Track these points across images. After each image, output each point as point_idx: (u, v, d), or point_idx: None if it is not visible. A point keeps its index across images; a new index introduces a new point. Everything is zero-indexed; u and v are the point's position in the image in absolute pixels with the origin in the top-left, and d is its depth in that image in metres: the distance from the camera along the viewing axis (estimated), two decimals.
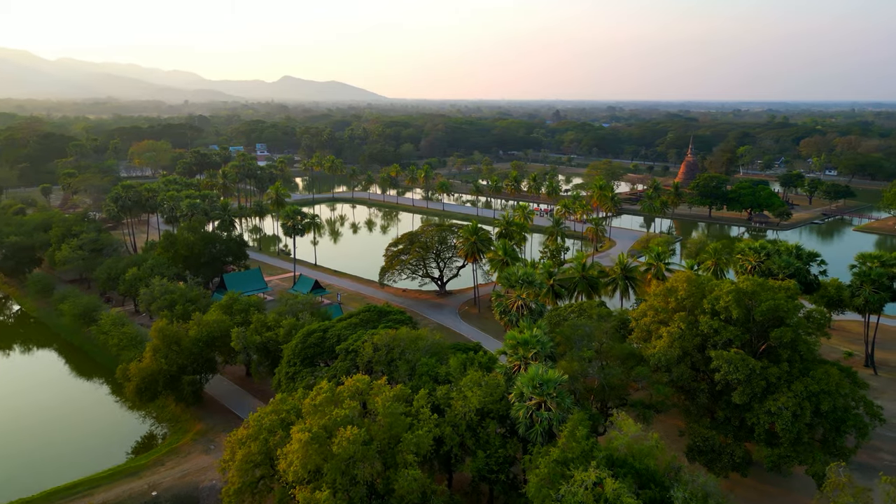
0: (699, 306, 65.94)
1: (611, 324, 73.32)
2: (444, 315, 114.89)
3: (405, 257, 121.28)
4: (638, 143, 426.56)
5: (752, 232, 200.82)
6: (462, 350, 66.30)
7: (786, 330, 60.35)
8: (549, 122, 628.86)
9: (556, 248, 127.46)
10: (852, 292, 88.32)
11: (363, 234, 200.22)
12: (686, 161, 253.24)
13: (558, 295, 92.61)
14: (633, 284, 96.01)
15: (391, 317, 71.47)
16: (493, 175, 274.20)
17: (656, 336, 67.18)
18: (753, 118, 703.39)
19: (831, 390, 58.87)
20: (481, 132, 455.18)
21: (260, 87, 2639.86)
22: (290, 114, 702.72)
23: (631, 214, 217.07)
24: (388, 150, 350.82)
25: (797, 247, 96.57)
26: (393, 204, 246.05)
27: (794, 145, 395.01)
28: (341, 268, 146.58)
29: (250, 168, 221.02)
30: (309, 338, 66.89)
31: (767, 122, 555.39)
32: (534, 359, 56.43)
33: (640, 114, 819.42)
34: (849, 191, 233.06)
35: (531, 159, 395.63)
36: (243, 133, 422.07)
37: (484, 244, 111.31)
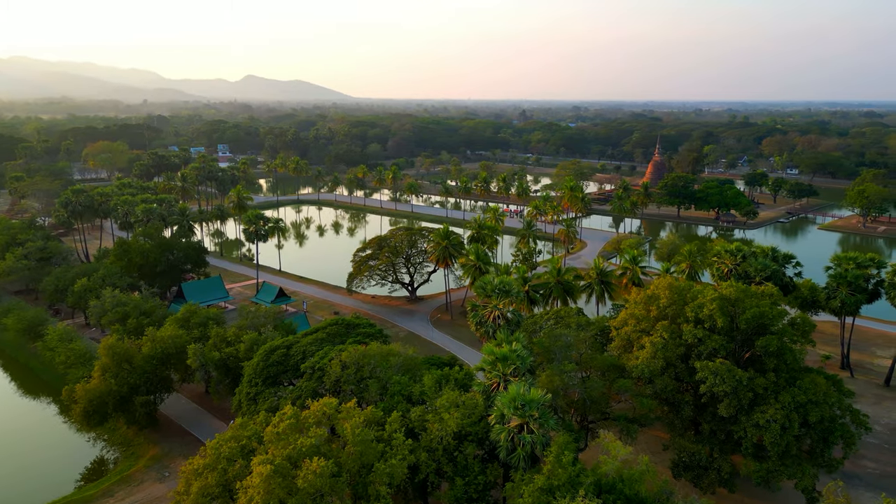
0: (682, 314, 63.47)
1: (590, 333, 70.44)
2: (416, 322, 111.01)
3: (374, 263, 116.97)
4: (604, 143, 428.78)
5: (720, 231, 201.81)
6: (437, 365, 62.59)
7: (771, 338, 58.21)
8: (515, 121, 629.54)
9: (529, 252, 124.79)
10: (829, 294, 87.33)
11: (330, 238, 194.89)
12: (653, 161, 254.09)
13: (533, 301, 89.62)
14: (608, 289, 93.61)
15: (360, 330, 67.30)
16: (462, 176, 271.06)
17: (638, 346, 64.52)
18: (715, 118, 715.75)
19: (819, 400, 56.99)
20: (449, 132, 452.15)
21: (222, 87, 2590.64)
22: (253, 113, 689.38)
23: (600, 215, 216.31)
24: (355, 151, 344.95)
25: (773, 249, 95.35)
26: (360, 206, 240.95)
27: (756, 144, 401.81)
28: (307, 273, 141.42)
29: (211, 170, 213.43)
30: (272, 355, 62.32)
31: (729, 122, 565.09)
32: (513, 375, 53.05)
33: (605, 114, 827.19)
34: (812, 189, 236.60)
35: (499, 159, 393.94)
36: (204, 133, 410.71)
37: (456, 249, 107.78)
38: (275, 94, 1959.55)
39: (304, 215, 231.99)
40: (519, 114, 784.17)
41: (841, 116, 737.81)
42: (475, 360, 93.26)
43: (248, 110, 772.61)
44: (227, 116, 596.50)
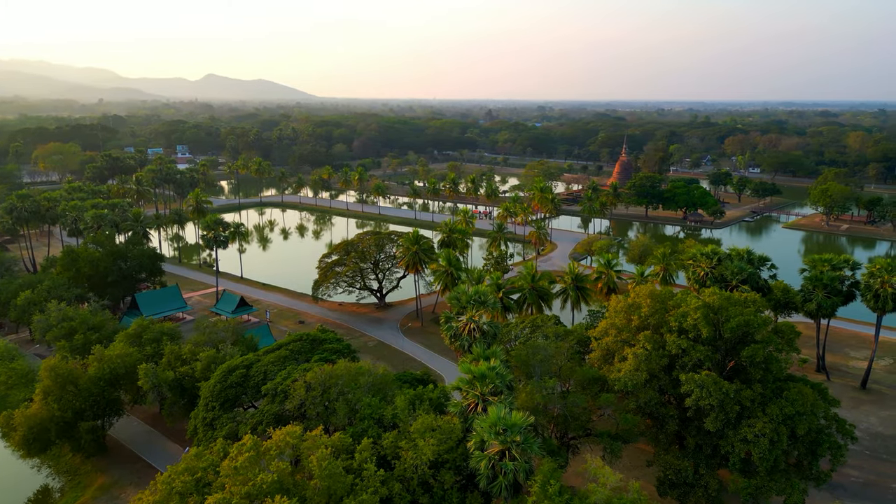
0: (664, 323, 60.90)
1: (569, 343, 67.53)
2: (385, 330, 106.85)
3: (340, 269, 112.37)
4: (570, 143, 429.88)
5: (688, 231, 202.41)
6: (409, 383, 58.78)
7: (757, 348, 55.97)
8: (482, 121, 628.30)
9: (501, 255, 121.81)
10: (805, 297, 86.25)
11: (294, 242, 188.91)
12: (620, 160, 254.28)
13: (508, 308, 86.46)
14: (584, 294, 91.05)
15: (326, 346, 62.95)
16: (430, 177, 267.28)
17: (619, 357, 61.73)
18: (676, 117, 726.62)
19: (806, 412, 54.99)
20: (415, 132, 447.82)
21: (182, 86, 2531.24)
22: (214, 113, 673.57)
23: (569, 215, 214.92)
24: (320, 151, 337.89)
25: (748, 251, 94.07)
26: (326, 208, 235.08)
27: (718, 144, 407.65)
28: (271, 280, 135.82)
29: (169, 172, 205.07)
30: (230, 376, 57.57)
31: (691, 122, 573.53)
32: (492, 394, 49.55)
33: (570, 113, 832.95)
34: (775, 188, 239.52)
35: (467, 159, 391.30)
36: (163, 134, 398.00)
37: (426, 254, 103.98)
38: (237, 94, 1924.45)
39: (267, 218, 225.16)
40: (485, 114, 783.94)
41: (797, 116, 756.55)
42: (448, 368, 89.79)
43: (208, 110, 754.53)
44: (186, 116, 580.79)
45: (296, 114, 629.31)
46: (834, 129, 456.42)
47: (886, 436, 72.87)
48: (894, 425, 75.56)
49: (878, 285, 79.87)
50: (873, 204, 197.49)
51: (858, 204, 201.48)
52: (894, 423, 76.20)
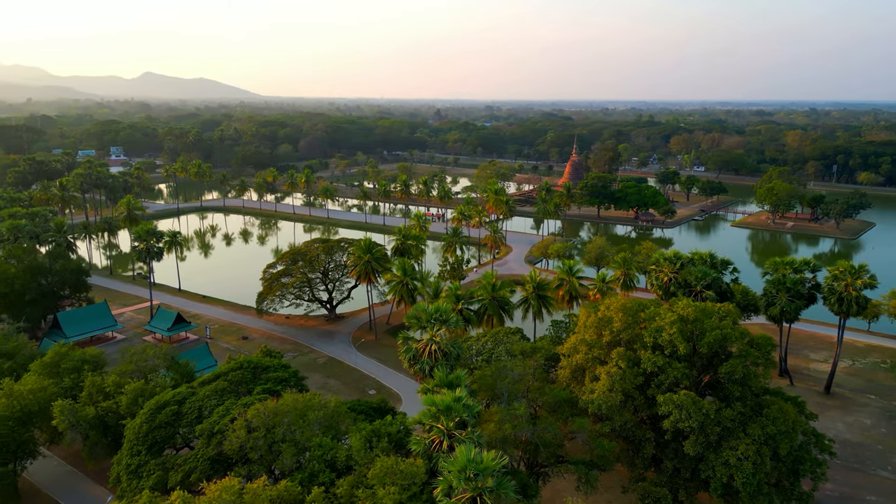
0: (638, 339, 57.17)
1: (536, 360, 63.12)
2: (336, 345, 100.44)
3: (287, 280, 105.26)
4: (520, 143, 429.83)
5: (640, 230, 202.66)
6: (365, 413, 53.09)
7: (736, 364, 52.82)
8: (431, 121, 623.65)
9: (457, 261, 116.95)
10: (768, 301, 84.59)
11: (238, 249, 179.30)
12: (571, 160, 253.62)
13: (468, 320, 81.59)
14: (546, 303, 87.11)
15: (270, 374, 56.49)
16: (380, 178, 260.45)
17: (591, 376, 57.68)
18: (621, 117, 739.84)
19: (788, 430, 52.13)
20: (364, 132, 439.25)
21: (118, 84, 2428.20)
22: (152, 113, 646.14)
23: (522, 216, 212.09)
24: (264, 153, 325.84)
25: (711, 255, 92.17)
26: (271, 212, 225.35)
27: (664, 143, 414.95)
28: (212, 292, 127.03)
29: (99, 176, 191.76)
30: (159, 414, 50.56)
31: (636, 121, 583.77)
32: (458, 427, 44.40)
33: (518, 113, 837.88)
34: (722, 187, 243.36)
35: (417, 160, 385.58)
36: (95, 135, 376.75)
37: (380, 263, 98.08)
38: (176, 93, 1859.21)
39: (208, 223, 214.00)
40: (434, 113, 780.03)
41: (735, 115, 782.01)
42: (405, 386, 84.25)
43: (146, 109, 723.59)
44: (122, 116, 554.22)
45: (238, 113, 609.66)
46: (771, 127, 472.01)
47: (855, 443, 71.44)
48: (861, 431, 74.36)
49: (841, 288, 78.66)
50: (816, 202, 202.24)
51: (802, 202, 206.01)
52: (861, 428, 75.03)
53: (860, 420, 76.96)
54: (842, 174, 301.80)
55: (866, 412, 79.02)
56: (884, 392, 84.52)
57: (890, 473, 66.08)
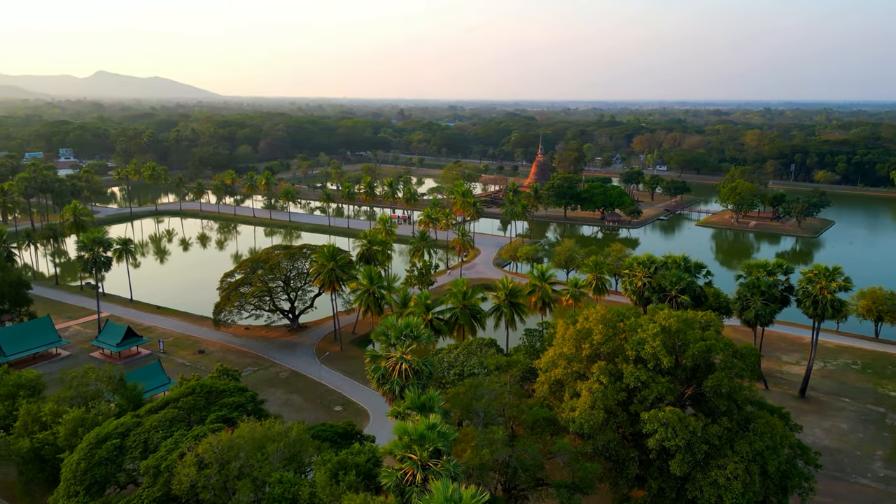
0: (619, 352, 54.38)
1: (512, 374, 59.89)
2: (300, 357, 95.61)
3: (246, 289, 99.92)
4: (485, 143, 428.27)
5: (606, 231, 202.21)
6: (331, 440, 48.99)
7: (722, 377, 50.47)
8: (394, 121, 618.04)
9: (425, 266, 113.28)
10: (743, 305, 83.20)
11: (195, 255, 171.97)
12: (537, 161, 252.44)
13: (438, 330, 77.90)
14: (518, 311, 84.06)
15: (226, 399, 51.81)
16: (343, 179, 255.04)
17: (571, 391, 54.65)
18: (583, 116, 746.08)
19: (776, 445, 49.99)
20: (326, 132, 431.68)
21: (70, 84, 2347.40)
22: (105, 113, 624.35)
23: (489, 217, 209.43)
24: (222, 154, 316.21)
25: (684, 258, 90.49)
26: (230, 215, 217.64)
27: (626, 142, 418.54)
28: (167, 302, 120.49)
29: (45, 180, 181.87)
30: (99, 449, 45.52)
31: (598, 121, 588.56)
32: (433, 458, 40.70)
33: (481, 113, 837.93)
34: (685, 186, 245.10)
35: (381, 160, 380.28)
36: (43, 136, 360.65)
37: (344, 270, 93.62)
38: (131, 92, 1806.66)
39: (164, 228, 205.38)
40: (397, 113, 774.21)
41: (693, 115, 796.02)
42: (373, 401, 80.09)
43: (98, 109, 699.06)
44: (73, 116, 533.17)
45: (196, 113, 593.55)
46: (729, 127, 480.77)
47: (833, 450, 70.23)
48: (839, 437, 73.31)
49: (816, 291, 77.58)
50: (778, 201, 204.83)
51: (764, 201, 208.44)
52: (839, 434, 74.01)
53: (837, 425, 76.00)
54: (799, 173, 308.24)
55: (842, 416, 78.18)
56: (857, 395, 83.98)
57: (870, 481, 64.91)
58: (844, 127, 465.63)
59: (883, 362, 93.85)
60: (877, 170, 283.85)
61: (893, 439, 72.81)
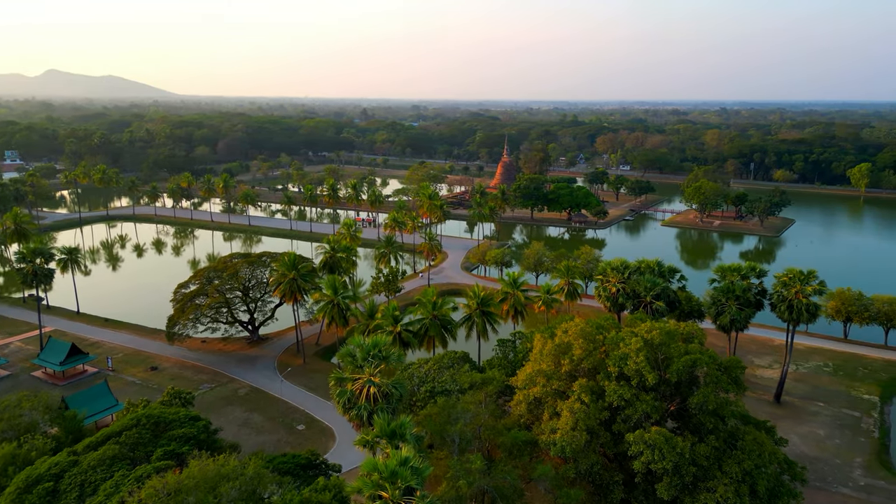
0: (601, 367, 51.49)
1: (489, 392, 56.48)
2: (260, 372, 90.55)
3: (202, 301, 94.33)
4: (449, 143, 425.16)
5: (573, 231, 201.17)
6: (292, 473, 44.73)
7: (708, 392, 48.17)
8: (357, 120, 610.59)
9: (392, 273, 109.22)
10: (718, 310, 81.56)
11: (149, 262, 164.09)
12: (503, 162, 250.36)
13: (407, 343, 74.02)
14: (490, 320, 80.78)
15: (175, 430, 47.01)
16: (305, 181, 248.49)
17: (550, 411, 51.55)
18: (546, 116, 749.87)
19: (765, 464, 47.76)
20: (287, 132, 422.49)
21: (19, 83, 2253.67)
22: (54, 113, 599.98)
23: (455, 219, 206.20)
24: (179, 155, 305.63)
25: (658, 262, 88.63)
26: (187, 220, 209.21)
27: (590, 142, 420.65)
28: (117, 314, 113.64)
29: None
30: (29, 494, 40.38)
31: (561, 121, 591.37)
32: (405, 496, 36.97)
33: (444, 112, 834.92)
34: (649, 186, 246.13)
35: (344, 161, 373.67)
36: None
37: (306, 280, 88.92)
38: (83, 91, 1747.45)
39: (116, 233, 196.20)
40: (360, 112, 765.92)
41: (653, 115, 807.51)
42: (338, 419, 75.53)
43: (48, 109, 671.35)
44: (20, 116, 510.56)
45: (151, 113, 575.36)
46: (689, 126, 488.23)
47: (813, 458, 68.85)
48: (817, 444, 72.09)
49: (791, 296, 76.35)
50: (740, 200, 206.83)
51: (727, 200, 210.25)
52: (816, 440, 72.81)
53: (814, 431, 74.87)
54: (758, 171, 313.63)
55: (818, 421, 77.17)
56: (831, 398, 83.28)
57: (852, 490, 63.63)
58: (798, 126, 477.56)
59: (854, 364, 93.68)
60: (833, 168, 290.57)
61: (871, 445, 71.98)
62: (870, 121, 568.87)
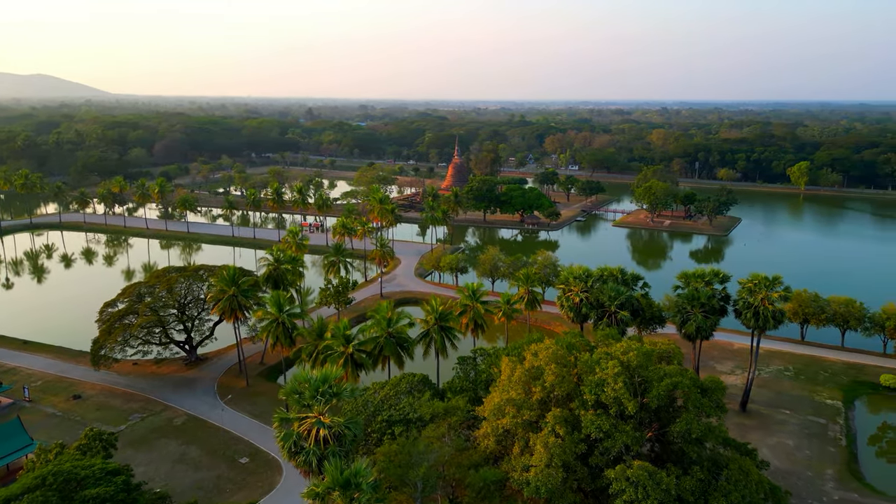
0: (576, 395, 47.16)
1: (451, 423, 51.38)
2: (198, 397, 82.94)
3: (131, 320, 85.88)
4: (398, 144, 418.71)
5: (526, 233, 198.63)
6: None
7: (690, 419, 44.52)
8: (303, 120, 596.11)
9: (342, 284, 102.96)
10: (683, 318, 78.83)
11: (77, 275, 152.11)
12: (453, 163, 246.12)
13: (360, 364, 68.23)
14: (449, 336, 75.78)
15: (89, 491, 39.88)
16: (248, 185, 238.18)
17: (522, 445, 46.89)
18: (493, 116, 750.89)
19: (752, 493, 44.39)
20: (229, 133, 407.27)
21: None
22: None
23: (407, 222, 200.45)
24: (111, 158, 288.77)
25: (621, 270, 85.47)
26: (120, 228, 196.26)
27: (538, 142, 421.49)
28: (37, 335, 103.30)
29: None
30: None
31: (509, 121, 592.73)
32: None
33: (392, 112, 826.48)
34: (600, 186, 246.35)
35: (290, 162, 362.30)
36: None
37: (248, 296, 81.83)
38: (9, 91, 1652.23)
39: (41, 243, 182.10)
40: (306, 112, 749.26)
41: (597, 114, 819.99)
42: None
43: None
44: None
45: (82, 113, 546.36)
46: (633, 126, 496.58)
47: (784, 472, 66.66)
48: (787, 456, 70.07)
49: (757, 302, 74.22)
50: (689, 199, 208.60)
51: (676, 200, 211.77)
52: (786, 452, 70.81)
53: (783, 442, 72.93)
54: (703, 170, 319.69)
55: (786, 431, 75.37)
56: (796, 405, 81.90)
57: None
58: (737, 126, 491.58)
59: (814, 367, 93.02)
60: (773, 167, 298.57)
61: (840, 454, 70.45)
62: (802, 120, 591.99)
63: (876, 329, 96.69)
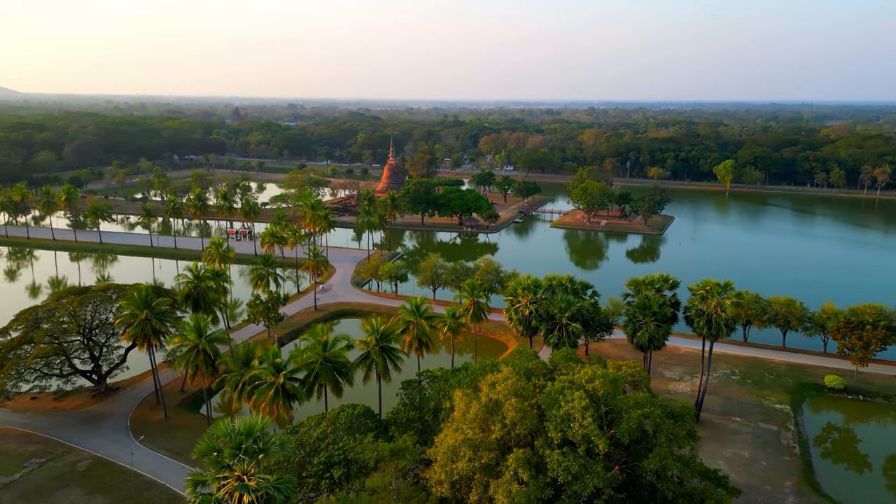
0: (540, 433, 42.22)
1: (400, 467, 45.44)
2: (107, 434, 73.42)
3: (26, 351, 75.34)
4: (330, 144, 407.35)
5: (465, 237, 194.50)
6: None
7: (664, 454, 40.50)
8: (229, 120, 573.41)
9: (272, 299, 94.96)
10: (635, 327, 75.86)
11: None
12: (389, 164, 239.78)
13: (293, 395, 61.19)
14: (391, 357, 69.69)
15: None
16: (168, 189, 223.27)
17: (481, 491, 41.52)
18: (426, 116, 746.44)
19: None
20: (148, 134, 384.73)
21: None
22: None
23: (341, 227, 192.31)
24: (13, 163, 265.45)
25: (570, 279, 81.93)
26: (22, 239, 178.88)
27: (473, 143, 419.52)
28: None
29: None
30: None
31: (442, 121, 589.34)
32: None
33: (323, 112, 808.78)
34: (536, 187, 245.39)
35: (215, 165, 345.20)
36: None
37: (163, 320, 73.02)
38: None
39: None
40: (232, 112, 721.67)
41: (528, 114, 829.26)
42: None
43: None
44: None
45: None
46: (565, 126, 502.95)
47: (744, 486, 64.19)
48: (744, 468, 67.92)
49: (710, 310, 71.96)
50: (624, 199, 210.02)
51: (612, 200, 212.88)
52: (743, 464, 68.69)
53: (738, 453, 70.87)
54: (634, 169, 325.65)
55: (740, 441, 73.48)
56: (746, 411, 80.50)
57: None
58: (662, 125, 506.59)
59: (759, 370, 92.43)
60: (700, 165, 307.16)
61: (794, 464, 68.93)
62: (721, 119, 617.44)
63: (816, 329, 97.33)
